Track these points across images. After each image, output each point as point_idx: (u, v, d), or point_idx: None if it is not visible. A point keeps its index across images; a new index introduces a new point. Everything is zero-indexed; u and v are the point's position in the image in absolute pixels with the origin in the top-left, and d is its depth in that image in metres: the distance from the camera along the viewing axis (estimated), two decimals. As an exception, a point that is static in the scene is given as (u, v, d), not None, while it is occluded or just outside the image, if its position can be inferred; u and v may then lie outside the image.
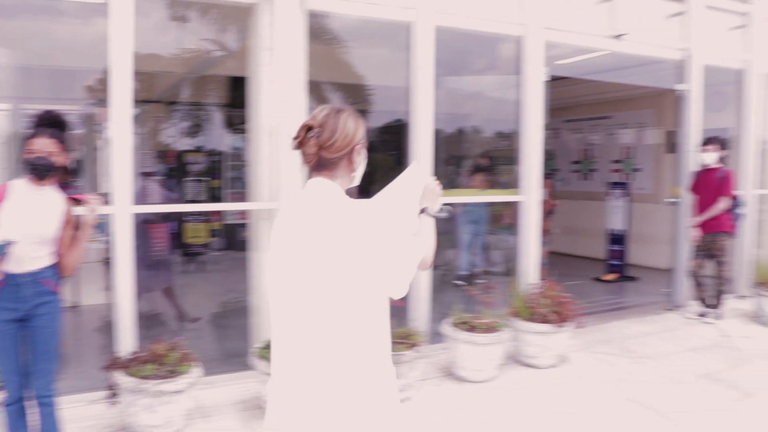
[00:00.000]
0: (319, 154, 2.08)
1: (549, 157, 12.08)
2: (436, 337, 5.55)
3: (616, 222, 9.83)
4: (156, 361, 4.26)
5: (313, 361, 2.04)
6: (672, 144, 8.97)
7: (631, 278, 9.63)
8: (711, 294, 7.25)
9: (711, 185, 7.08)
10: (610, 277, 9.62)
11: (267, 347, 4.69)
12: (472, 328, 5.23)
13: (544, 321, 5.44)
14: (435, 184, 2.39)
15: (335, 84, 9.25)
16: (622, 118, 11.01)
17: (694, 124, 7.57)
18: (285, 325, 2.12)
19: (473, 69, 7.52)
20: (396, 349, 4.75)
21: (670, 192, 7.78)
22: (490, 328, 5.23)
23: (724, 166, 7.18)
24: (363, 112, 10.02)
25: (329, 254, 2.01)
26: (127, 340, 4.66)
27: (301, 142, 2.10)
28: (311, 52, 5.23)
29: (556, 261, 9.19)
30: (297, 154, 2.13)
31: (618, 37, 6.82)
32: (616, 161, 11.14)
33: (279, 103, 5.11)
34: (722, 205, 6.98)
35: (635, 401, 4.91)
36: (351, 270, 2.01)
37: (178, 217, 10.43)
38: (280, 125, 5.10)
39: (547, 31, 6.33)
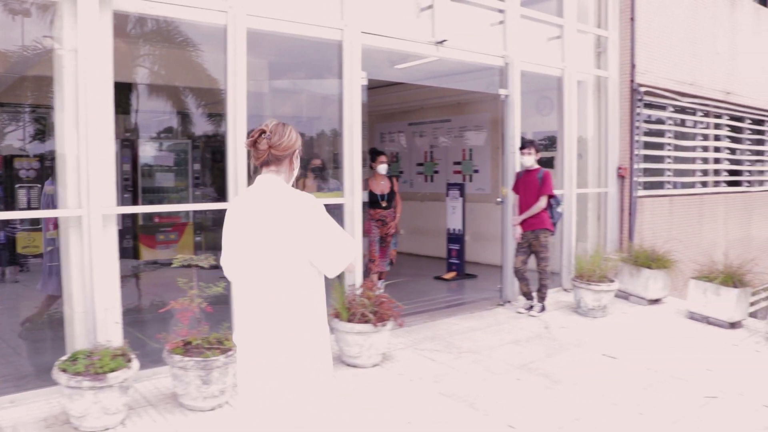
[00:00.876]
0: (269, 151, 2.69)
1: (394, 159, 12.37)
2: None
3: (454, 222, 10.17)
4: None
5: (271, 317, 2.62)
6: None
7: (471, 276, 9.98)
8: (535, 288, 7.64)
9: (532, 185, 7.46)
10: (450, 275, 9.93)
11: (71, 359, 4.48)
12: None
13: (363, 321, 5.52)
14: None
15: (154, 86, 9.03)
16: (462, 122, 11.40)
17: (515, 127, 7.94)
18: (248, 290, 2.70)
19: (304, 73, 7.55)
20: (205, 355, 4.69)
21: (501, 192, 8.13)
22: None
23: (543, 167, 7.60)
24: (185, 114, 9.87)
25: (285, 230, 2.59)
26: None
27: (255, 141, 2.70)
28: (130, 54, 5.06)
29: (402, 261, 9.39)
30: (251, 154, 2.77)
31: (440, 43, 7.04)
32: (457, 163, 11.53)
33: (85, 105, 4.90)
34: (542, 203, 7.38)
35: (450, 395, 5.07)
36: (300, 243, 2.59)
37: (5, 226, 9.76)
38: (87, 129, 4.90)
39: (365, 36, 6.42)
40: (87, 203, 4.92)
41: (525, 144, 7.50)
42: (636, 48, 9.15)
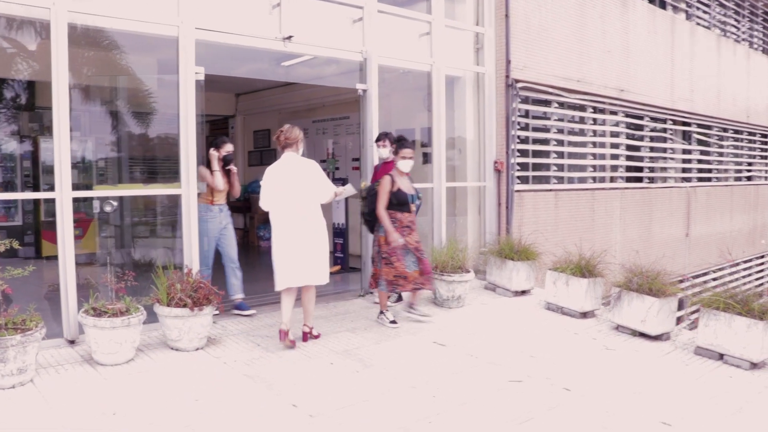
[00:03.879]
0: (285, 140, 5.97)
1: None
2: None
3: (339, 216, 10.31)
4: None
5: (304, 220, 5.93)
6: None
7: (355, 269, 10.10)
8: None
9: (389, 177, 7.57)
10: (334, 269, 10.03)
11: None
12: (101, 314, 5.35)
13: (181, 305, 5.65)
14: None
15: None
16: (359, 118, 11.49)
17: (373, 121, 8.11)
18: (288, 210, 5.88)
19: (152, 68, 7.65)
20: (0, 335, 4.79)
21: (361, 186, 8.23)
22: (119, 313, 5.37)
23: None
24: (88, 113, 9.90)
25: (306, 178, 5.94)
26: None
27: (279, 137, 5.99)
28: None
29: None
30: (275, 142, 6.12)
31: (287, 39, 7.18)
32: (356, 159, 11.63)
33: None
34: (400, 195, 7.48)
35: (253, 377, 5.19)
36: (312, 185, 5.95)
37: None
38: None
39: (201, 32, 6.57)
40: None
41: (380, 136, 7.59)
42: (513, 44, 9.34)
